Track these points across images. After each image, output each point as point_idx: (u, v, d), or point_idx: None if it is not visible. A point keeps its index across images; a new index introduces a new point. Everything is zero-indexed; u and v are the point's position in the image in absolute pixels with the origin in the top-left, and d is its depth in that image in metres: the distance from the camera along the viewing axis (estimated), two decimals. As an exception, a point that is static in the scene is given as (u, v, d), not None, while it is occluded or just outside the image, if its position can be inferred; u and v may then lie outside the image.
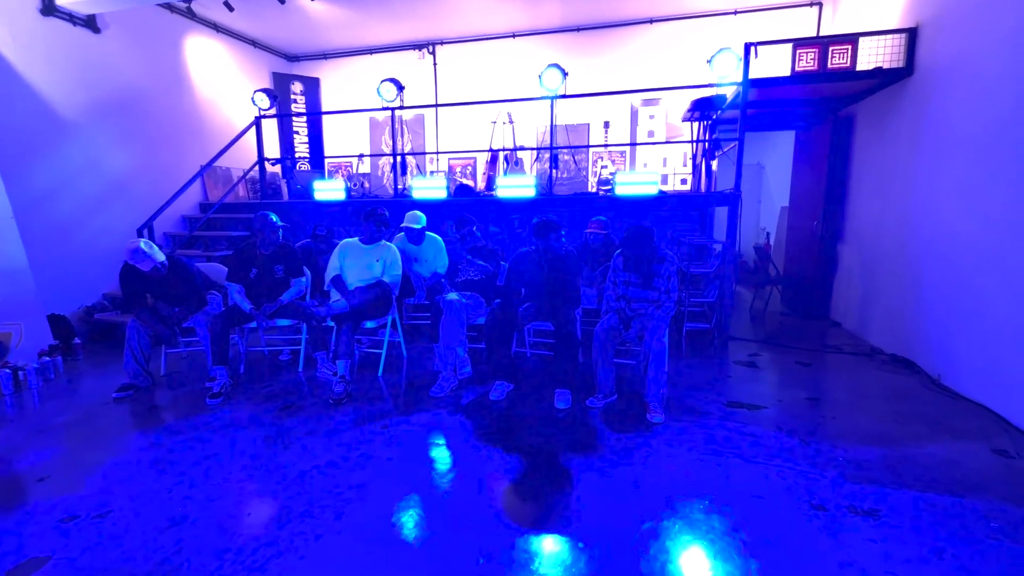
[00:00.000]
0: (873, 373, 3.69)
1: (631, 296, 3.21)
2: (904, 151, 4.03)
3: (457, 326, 3.38)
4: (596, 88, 6.42)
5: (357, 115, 7.37)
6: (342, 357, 3.29)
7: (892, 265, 4.14)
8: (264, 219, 3.60)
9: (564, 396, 3.13)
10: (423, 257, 4.39)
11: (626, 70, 6.36)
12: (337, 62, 7.47)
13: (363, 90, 6.96)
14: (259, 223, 3.60)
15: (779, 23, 5.85)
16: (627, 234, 3.12)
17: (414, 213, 4.23)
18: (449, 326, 3.39)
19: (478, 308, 3.67)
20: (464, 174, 7.08)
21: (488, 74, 6.85)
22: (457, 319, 3.39)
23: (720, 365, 3.92)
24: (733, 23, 5.96)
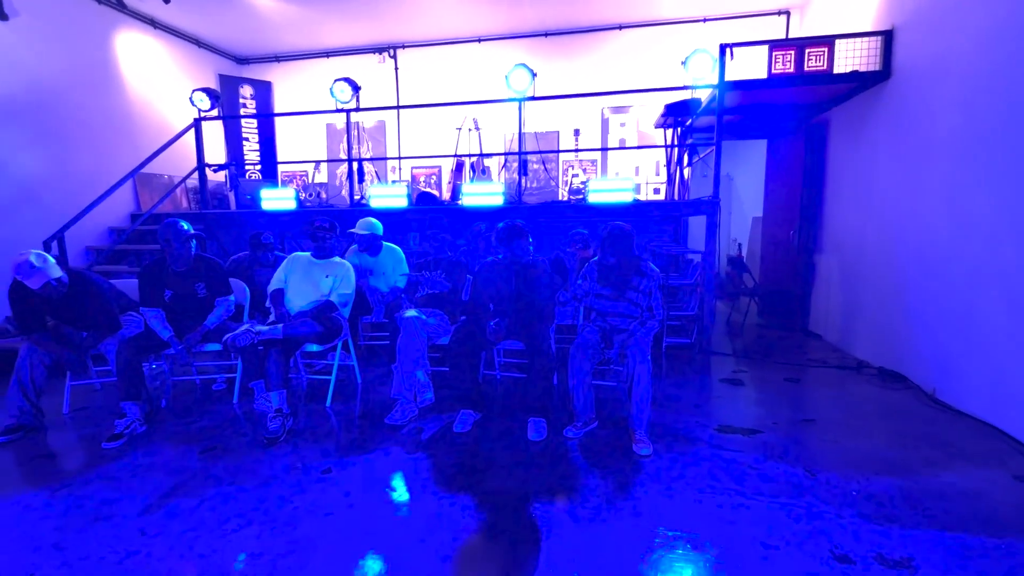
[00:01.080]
0: (864, 388, 3.47)
1: (605, 311, 2.88)
2: (883, 156, 3.90)
3: (416, 347, 2.97)
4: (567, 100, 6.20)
5: (314, 122, 6.93)
6: (275, 388, 2.81)
7: (875, 274, 3.98)
8: (170, 228, 3.04)
9: (538, 426, 2.74)
10: (380, 270, 3.97)
11: (596, 76, 6.17)
12: (291, 65, 7.02)
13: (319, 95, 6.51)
14: (165, 233, 3.03)
15: (748, 31, 5.79)
16: (604, 237, 2.80)
17: (367, 220, 3.82)
18: (407, 347, 2.97)
19: (441, 326, 3.27)
20: (428, 184, 6.70)
21: (453, 79, 6.54)
22: (416, 339, 2.97)
23: (705, 383, 3.62)
24: (702, 31, 5.86)
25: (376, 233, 3.83)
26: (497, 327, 2.91)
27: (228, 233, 5.22)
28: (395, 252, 4.01)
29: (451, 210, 4.71)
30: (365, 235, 3.81)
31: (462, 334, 2.95)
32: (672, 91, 4.37)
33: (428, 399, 2.99)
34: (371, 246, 3.86)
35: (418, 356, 2.96)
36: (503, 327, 2.93)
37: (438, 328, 3.24)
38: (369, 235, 3.82)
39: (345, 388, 3.54)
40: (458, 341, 2.92)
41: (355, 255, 3.95)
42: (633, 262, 2.80)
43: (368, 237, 3.83)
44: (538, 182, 6.17)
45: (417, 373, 2.96)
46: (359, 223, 3.82)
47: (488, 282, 3.09)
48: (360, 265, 3.96)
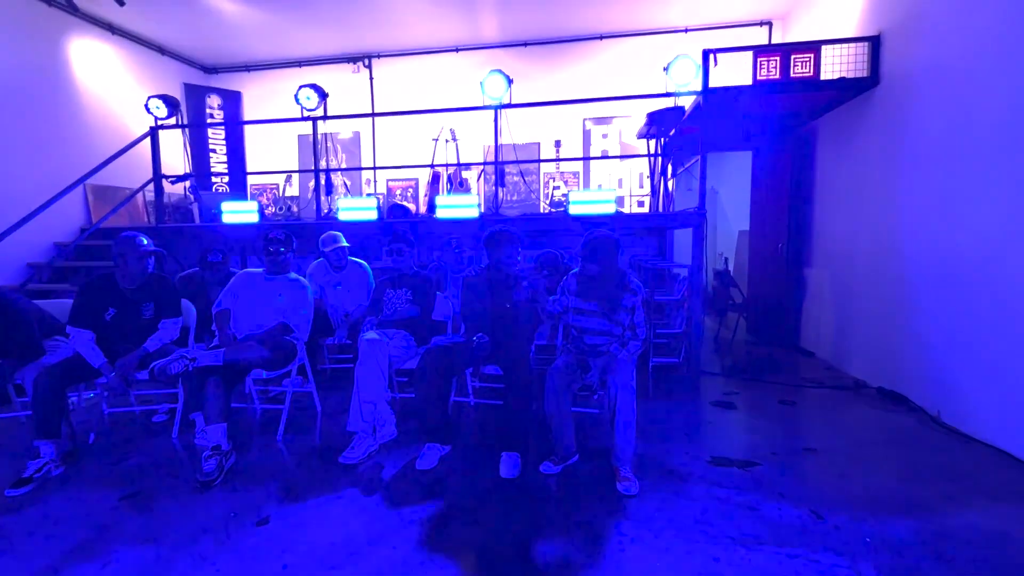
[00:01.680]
0: (864, 411, 3.23)
1: (584, 327, 2.61)
2: (874, 165, 3.74)
3: (377, 373, 2.66)
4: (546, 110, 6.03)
5: (285, 133, 6.66)
6: (214, 422, 2.48)
7: (870, 289, 3.78)
8: (127, 243, 2.75)
9: (512, 462, 2.44)
10: (346, 287, 3.67)
11: (577, 87, 6.01)
12: (261, 75, 6.76)
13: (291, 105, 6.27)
14: (120, 247, 2.74)
15: (729, 41, 5.69)
16: (586, 244, 2.54)
17: (331, 234, 3.53)
18: (366, 374, 2.67)
19: (408, 349, 2.97)
20: (405, 197, 6.44)
21: (430, 90, 6.34)
22: (376, 365, 2.67)
23: (694, 407, 3.36)
24: (684, 41, 5.76)
25: (340, 243, 3.55)
26: (482, 343, 2.64)
27: (188, 249, 4.87)
28: (361, 268, 3.73)
29: (424, 222, 4.44)
30: (331, 250, 3.53)
31: (431, 358, 2.65)
32: (654, 98, 4.19)
33: (390, 434, 2.68)
34: (337, 261, 3.58)
35: (378, 384, 2.65)
36: (487, 344, 2.65)
37: (404, 351, 2.94)
38: (336, 250, 3.54)
39: (302, 418, 3.20)
40: (426, 366, 2.62)
41: (320, 271, 3.65)
42: (617, 275, 2.54)
43: (335, 252, 3.55)
44: (518, 195, 5.95)
45: (377, 403, 2.65)
46: (322, 238, 3.54)
47: (471, 298, 2.83)
48: (324, 282, 3.66)
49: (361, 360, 2.69)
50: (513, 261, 2.82)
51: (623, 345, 2.53)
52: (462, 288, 2.92)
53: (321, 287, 3.65)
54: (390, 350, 2.81)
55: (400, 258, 3.22)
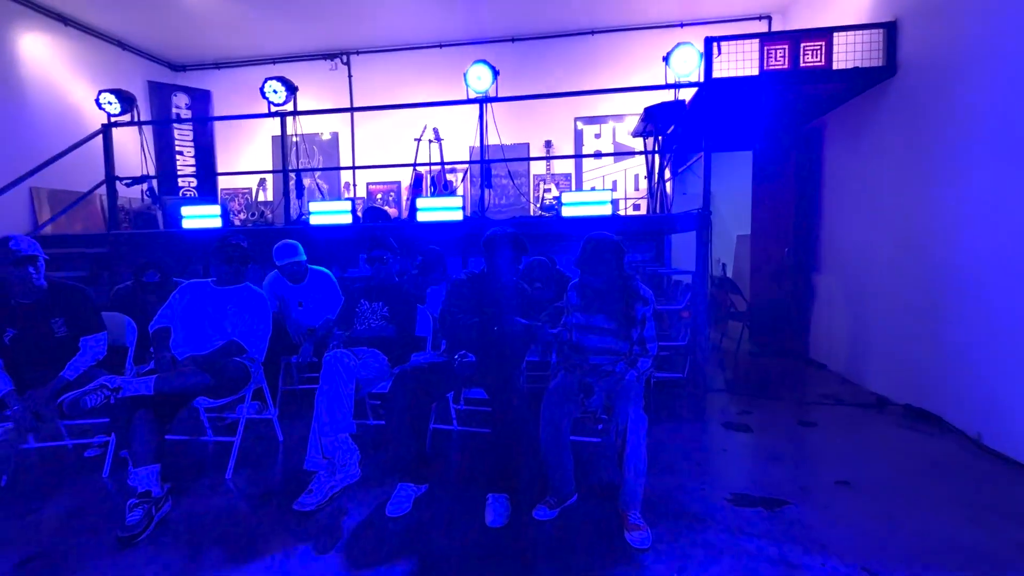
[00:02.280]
0: (895, 434, 2.90)
1: (590, 347, 2.25)
2: (894, 162, 3.44)
3: (341, 400, 2.27)
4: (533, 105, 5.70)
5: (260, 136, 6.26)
6: (143, 463, 2.06)
7: (891, 296, 3.47)
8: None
9: (499, 506, 2.05)
10: (309, 302, 3.28)
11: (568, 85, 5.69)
12: (233, 73, 6.37)
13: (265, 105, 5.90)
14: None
15: (728, 37, 5.42)
16: (584, 250, 2.20)
17: (285, 245, 3.15)
18: (329, 400, 2.27)
19: (381, 370, 2.57)
20: (387, 201, 6.06)
21: (412, 89, 5.98)
22: (341, 389, 2.28)
23: (704, 430, 3.00)
24: (680, 36, 5.48)
25: (297, 257, 3.16)
26: (464, 363, 2.26)
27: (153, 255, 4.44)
28: (325, 278, 3.33)
29: (404, 227, 4.07)
30: (286, 265, 3.14)
31: (405, 381, 2.27)
32: (652, 91, 3.88)
33: (351, 476, 2.26)
34: (294, 273, 3.18)
35: (342, 412, 2.25)
36: (471, 364, 2.27)
37: (376, 372, 2.54)
38: (291, 265, 3.15)
39: (260, 451, 2.79)
40: (399, 390, 2.24)
41: (277, 285, 3.26)
42: (623, 282, 2.19)
43: (290, 268, 3.16)
44: (507, 198, 5.61)
45: (340, 436, 2.25)
46: (276, 249, 3.15)
47: (457, 308, 2.46)
48: (284, 297, 3.26)
49: (322, 383, 2.30)
50: (513, 270, 2.48)
51: (631, 364, 2.17)
52: (446, 296, 2.55)
53: (281, 302, 3.25)
54: (359, 371, 2.42)
55: (382, 267, 2.83)
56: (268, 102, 4.12)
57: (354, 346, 2.68)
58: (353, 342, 2.70)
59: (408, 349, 2.81)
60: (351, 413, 2.29)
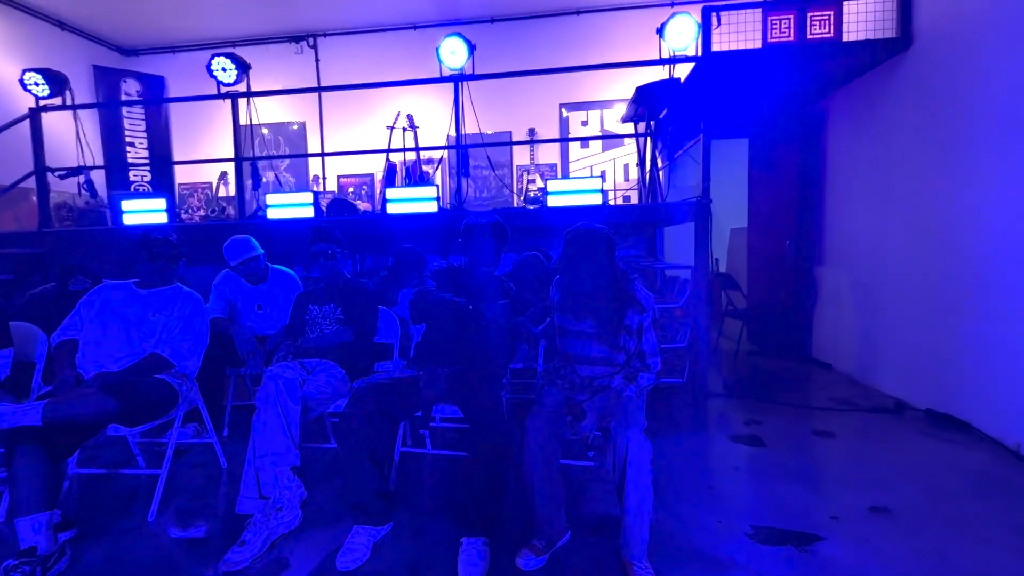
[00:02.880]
0: (921, 443, 2.59)
1: (576, 354, 1.89)
2: (906, 145, 3.15)
3: (281, 426, 1.87)
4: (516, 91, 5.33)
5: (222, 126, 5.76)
6: (29, 512, 1.64)
7: (908, 290, 3.17)
8: None
9: (475, 553, 1.67)
10: (270, 306, 2.86)
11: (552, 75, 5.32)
12: (189, 58, 5.86)
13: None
14: None
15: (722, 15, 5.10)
16: (568, 243, 1.84)
17: (236, 241, 2.73)
18: (268, 426, 1.87)
19: (337, 386, 2.17)
20: (359, 195, 5.64)
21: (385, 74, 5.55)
22: (282, 412, 1.88)
23: (710, 444, 2.67)
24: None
25: (254, 253, 2.73)
26: (432, 378, 1.90)
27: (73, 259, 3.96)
28: (288, 278, 2.92)
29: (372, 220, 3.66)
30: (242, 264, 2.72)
31: (362, 400, 1.88)
32: (645, 66, 3.54)
33: (289, 522, 1.85)
34: (252, 272, 2.76)
35: (282, 441, 1.85)
36: (441, 380, 1.91)
37: (331, 388, 2.14)
38: (247, 263, 2.72)
39: (196, 483, 2.37)
40: (357, 412, 1.85)
41: (229, 286, 2.83)
42: (615, 282, 1.83)
43: (246, 266, 2.73)
44: (488, 191, 5.23)
45: (280, 471, 1.85)
46: (227, 247, 2.72)
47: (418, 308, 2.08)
48: (239, 301, 2.84)
49: (259, 406, 1.90)
50: (493, 263, 2.11)
51: (630, 379, 1.81)
52: (413, 296, 2.16)
53: (233, 306, 2.83)
54: (306, 389, 2.02)
55: (329, 263, 2.44)
56: (217, 82, 3.67)
57: (305, 358, 2.28)
58: (303, 353, 2.30)
59: (371, 358, 2.43)
60: (295, 441, 1.89)
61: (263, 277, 2.83)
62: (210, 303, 2.77)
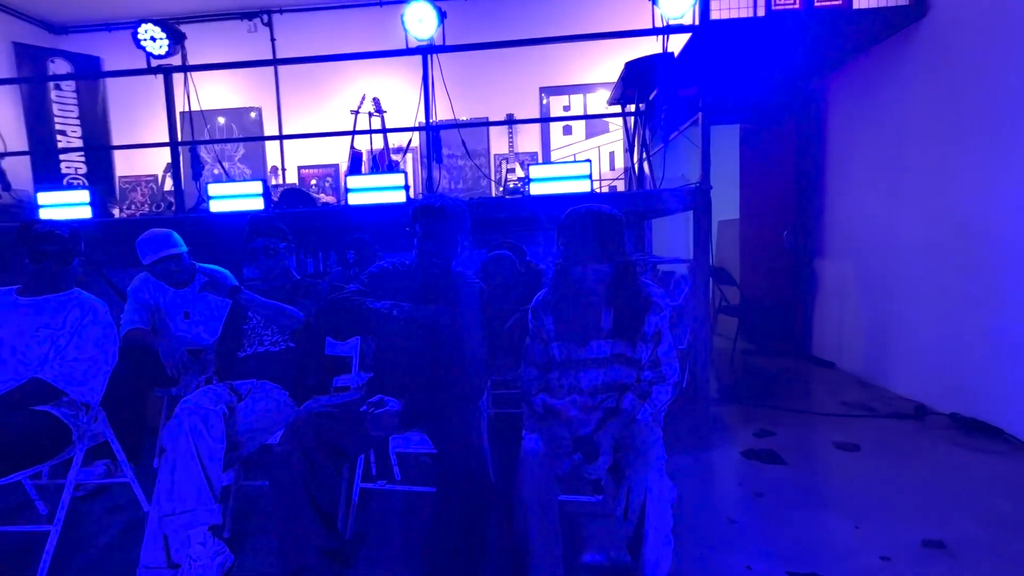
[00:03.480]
0: (958, 455, 2.31)
1: (585, 386, 1.51)
2: (925, 125, 2.87)
3: (196, 472, 1.45)
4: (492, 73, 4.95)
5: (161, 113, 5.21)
6: None
7: (925, 283, 2.90)
8: None
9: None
10: (199, 314, 2.40)
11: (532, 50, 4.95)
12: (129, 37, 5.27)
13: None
14: None
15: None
16: (565, 229, 1.48)
17: (152, 235, 2.25)
18: (176, 474, 1.45)
19: (276, 414, 1.75)
20: (323, 188, 5.16)
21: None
22: (195, 454, 1.46)
23: (723, 463, 2.33)
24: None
25: (173, 250, 2.26)
26: (377, 419, 1.49)
27: None
28: (223, 280, 2.45)
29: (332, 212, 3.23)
30: (157, 264, 2.24)
31: (302, 434, 1.47)
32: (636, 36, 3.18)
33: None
34: (171, 273, 2.29)
35: (195, 492, 1.43)
36: (391, 417, 1.49)
37: (267, 415, 1.72)
38: (165, 262, 2.24)
39: (112, 531, 1.92)
40: (293, 449, 1.44)
41: (148, 290, 2.36)
42: (630, 281, 1.46)
43: (163, 267, 2.25)
44: (464, 181, 4.83)
45: (193, 531, 1.42)
46: (139, 242, 2.24)
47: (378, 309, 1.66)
48: (163, 306, 2.37)
49: (166, 446, 1.47)
50: (449, 256, 1.69)
51: (643, 397, 1.45)
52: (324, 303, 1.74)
53: (156, 314, 2.36)
54: (236, 419, 1.60)
55: (270, 261, 2.02)
56: (146, 54, 3.17)
57: (240, 378, 1.85)
58: (238, 372, 1.87)
59: (322, 375, 2.01)
60: (215, 492, 1.47)
61: (187, 280, 2.37)
62: (125, 312, 2.31)
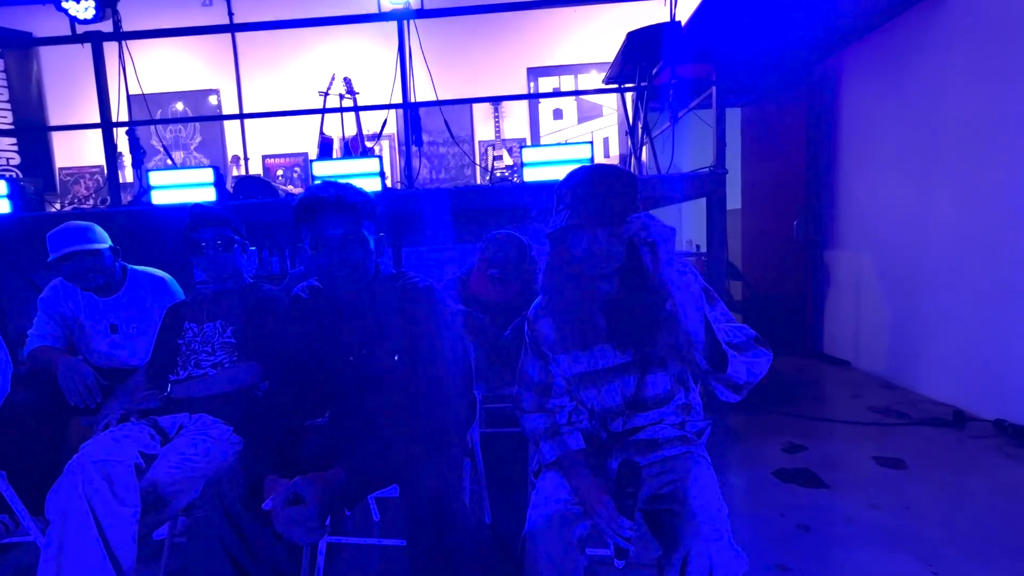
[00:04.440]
0: (1016, 469, 2.04)
1: (599, 410, 1.16)
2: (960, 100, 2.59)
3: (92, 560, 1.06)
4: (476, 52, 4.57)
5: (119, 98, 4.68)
6: None
7: (959, 277, 2.64)
8: None
9: None
10: (127, 322, 1.97)
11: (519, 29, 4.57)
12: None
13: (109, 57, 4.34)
14: None
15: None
16: (567, 185, 1.06)
17: (67, 228, 1.80)
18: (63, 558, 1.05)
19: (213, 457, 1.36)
20: (290, 179, 4.71)
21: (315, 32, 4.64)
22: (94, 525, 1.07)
23: (759, 489, 2.02)
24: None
25: (90, 245, 1.81)
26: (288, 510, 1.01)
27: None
28: (156, 284, 2.01)
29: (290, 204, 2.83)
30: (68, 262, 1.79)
31: (225, 486, 1.08)
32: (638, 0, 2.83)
33: None
34: (84, 275, 1.83)
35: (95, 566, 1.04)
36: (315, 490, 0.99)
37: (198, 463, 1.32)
38: (77, 261, 1.79)
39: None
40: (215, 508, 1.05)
41: (65, 298, 1.92)
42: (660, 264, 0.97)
43: (73, 267, 1.80)
44: (447, 170, 4.45)
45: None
46: (50, 237, 1.80)
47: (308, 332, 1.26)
48: (77, 316, 1.93)
49: (50, 519, 1.08)
50: (368, 256, 1.21)
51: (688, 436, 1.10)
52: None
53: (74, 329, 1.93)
54: (155, 470, 1.21)
55: (219, 255, 1.60)
56: (70, 19, 2.70)
57: (170, 412, 1.45)
58: (168, 405, 1.47)
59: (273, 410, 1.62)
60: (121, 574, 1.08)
61: (113, 285, 1.92)
62: (34, 326, 1.88)
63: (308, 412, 1.28)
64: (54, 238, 1.78)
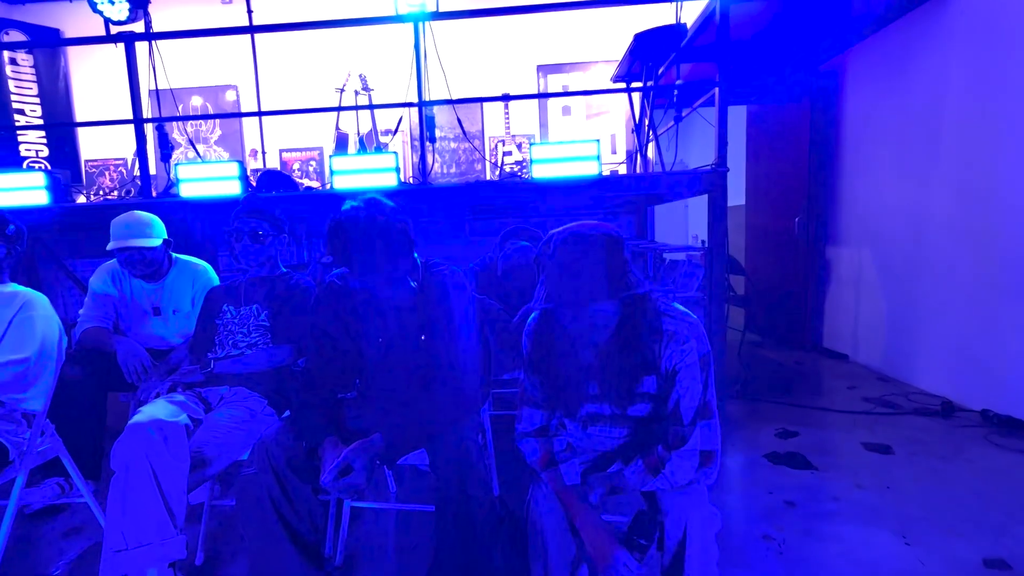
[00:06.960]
0: (998, 457, 2.15)
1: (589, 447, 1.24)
2: (961, 99, 2.67)
3: (150, 502, 1.21)
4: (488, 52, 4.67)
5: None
6: None
7: (953, 273, 2.73)
8: None
9: None
10: (169, 306, 2.13)
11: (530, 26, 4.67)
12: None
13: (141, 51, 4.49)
14: None
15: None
16: (546, 257, 1.04)
17: (125, 221, 1.97)
18: (127, 502, 1.21)
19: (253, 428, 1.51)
20: (306, 173, 4.86)
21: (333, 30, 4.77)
22: (152, 477, 1.22)
23: (751, 470, 2.15)
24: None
25: (144, 240, 1.98)
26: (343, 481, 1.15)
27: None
28: (196, 272, 2.18)
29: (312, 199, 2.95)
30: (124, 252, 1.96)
31: (273, 447, 1.24)
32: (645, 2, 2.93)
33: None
34: (137, 263, 2.00)
35: (150, 526, 1.20)
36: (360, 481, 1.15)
37: (240, 430, 1.48)
38: (131, 253, 1.96)
39: (68, 556, 1.68)
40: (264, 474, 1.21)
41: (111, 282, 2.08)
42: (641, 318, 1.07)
43: (128, 257, 1.97)
44: (457, 165, 4.57)
45: (151, 571, 1.19)
46: (116, 224, 1.96)
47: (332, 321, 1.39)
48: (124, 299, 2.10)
49: (115, 470, 1.23)
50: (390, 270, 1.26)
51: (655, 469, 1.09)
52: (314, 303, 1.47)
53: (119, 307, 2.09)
54: (201, 434, 1.37)
55: (257, 247, 1.74)
56: (105, 20, 2.85)
57: (211, 385, 1.61)
58: (213, 380, 1.62)
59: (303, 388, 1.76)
60: (176, 522, 1.23)
61: (160, 273, 2.09)
62: (84, 308, 2.04)
63: (341, 387, 1.42)
64: (118, 227, 1.93)
